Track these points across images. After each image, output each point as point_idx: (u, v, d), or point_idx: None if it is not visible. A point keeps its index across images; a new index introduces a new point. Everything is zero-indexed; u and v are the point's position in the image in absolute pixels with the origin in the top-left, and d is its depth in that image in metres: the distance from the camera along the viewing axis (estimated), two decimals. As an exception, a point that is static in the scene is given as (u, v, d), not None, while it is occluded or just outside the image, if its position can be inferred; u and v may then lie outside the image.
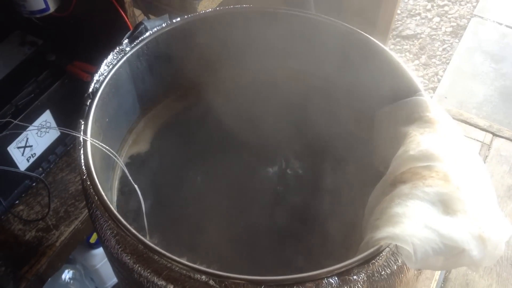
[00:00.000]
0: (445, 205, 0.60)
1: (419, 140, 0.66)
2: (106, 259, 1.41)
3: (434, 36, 2.40)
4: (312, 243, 0.79)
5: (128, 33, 0.77)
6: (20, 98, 1.03)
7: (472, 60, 2.27)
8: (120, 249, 0.57)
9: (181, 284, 0.54)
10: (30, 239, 1.06)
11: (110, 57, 0.74)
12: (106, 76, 0.72)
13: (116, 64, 0.74)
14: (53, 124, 1.11)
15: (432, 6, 2.53)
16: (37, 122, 1.07)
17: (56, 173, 1.16)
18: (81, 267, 1.39)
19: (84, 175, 0.60)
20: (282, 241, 0.80)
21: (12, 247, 1.05)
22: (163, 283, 0.55)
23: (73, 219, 1.10)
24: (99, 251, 1.39)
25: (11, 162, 1.04)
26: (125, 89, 0.78)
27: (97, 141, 0.62)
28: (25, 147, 1.07)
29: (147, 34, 0.79)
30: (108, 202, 0.58)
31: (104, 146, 0.62)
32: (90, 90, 0.70)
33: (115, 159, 0.63)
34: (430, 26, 2.44)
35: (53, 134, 1.13)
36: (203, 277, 0.54)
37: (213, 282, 0.53)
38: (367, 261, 0.57)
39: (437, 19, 2.47)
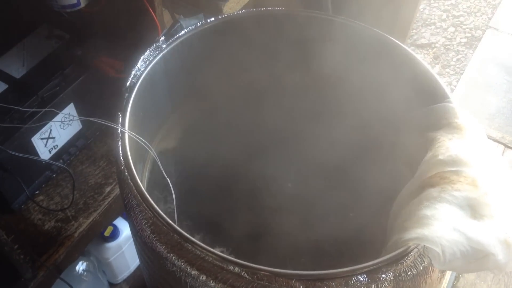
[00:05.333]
0: (473, 209, 0.61)
1: (448, 146, 0.68)
2: (119, 252, 1.42)
3: (448, 46, 2.41)
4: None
5: (165, 30, 0.79)
6: (46, 90, 1.04)
7: (486, 71, 2.28)
8: (155, 239, 0.58)
9: (213, 275, 0.56)
10: (49, 229, 1.07)
11: (147, 53, 0.76)
12: (143, 72, 0.74)
13: (152, 60, 0.76)
14: (76, 117, 1.13)
15: (448, 16, 2.55)
16: (60, 115, 1.08)
17: (76, 166, 1.18)
18: (95, 259, 1.41)
19: (122, 166, 0.62)
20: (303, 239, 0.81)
21: (32, 237, 1.06)
22: (196, 273, 0.56)
23: (92, 211, 1.11)
24: (113, 245, 1.40)
25: (34, 153, 1.05)
26: (159, 84, 0.80)
27: (134, 134, 0.64)
28: (48, 138, 1.08)
29: (182, 32, 0.80)
30: (146, 193, 0.59)
31: (141, 139, 0.64)
32: (128, 84, 0.72)
33: (150, 151, 0.65)
34: (445, 36, 2.46)
35: (75, 127, 1.15)
36: (236, 268, 0.55)
37: (246, 274, 0.55)
38: (395, 260, 0.58)
39: (452, 29, 2.49)
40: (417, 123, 0.77)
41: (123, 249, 1.42)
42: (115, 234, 1.39)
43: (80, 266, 1.36)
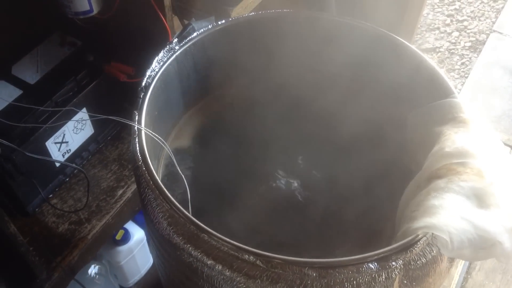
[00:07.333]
0: (479, 199, 0.63)
1: (454, 138, 0.70)
2: (130, 256, 1.44)
3: (453, 51, 2.43)
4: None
5: (177, 32, 0.82)
6: (60, 95, 1.07)
7: (491, 75, 2.29)
8: (171, 230, 0.60)
9: (229, 264, 0.58)
10: (63, 231, 1.09)
11: (161, 54, 0.79)
12: (157, 72, 0.77)
13: (166, 61, 0.78)
14: (88, 121, 1.15)
15: (452, 20, 2.57)
16: (74, 119, 1.11)
17: (89, 169, 1.19)
18: (107, 263, 1.43)
19: (139, 161, 0.64)
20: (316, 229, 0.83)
21: (46, 239, 1.08)
22: (212, 262, 0.58)
23: (105, 213, 1.12)
24: (124, 248, 1.42)
25: (48, 157, 1.08)
26: (172, 85, 0.83)
27: (150, 131, 0.66)
28: (61, 142, 1.10)
29: (194, 34, 0.83)
30: (162, 186, 0.62)
31: (156, 135, 0.66)
32: (143, 84, 0.74)
33: (165, 148, 0.67)
34: (449, 40, 2.47)
35: (88, 131, 1.17)
36: (251, 257, 0.57)
37: (260, 262, 0.56)
38: (404, 248, 0.60)
39: (456, 33, 2.50)
40: (423, 118, 0.79)
41: (134, 252, 1.44)
42: (126, 237, 1.41)
43: (93, 270, 1.38)
